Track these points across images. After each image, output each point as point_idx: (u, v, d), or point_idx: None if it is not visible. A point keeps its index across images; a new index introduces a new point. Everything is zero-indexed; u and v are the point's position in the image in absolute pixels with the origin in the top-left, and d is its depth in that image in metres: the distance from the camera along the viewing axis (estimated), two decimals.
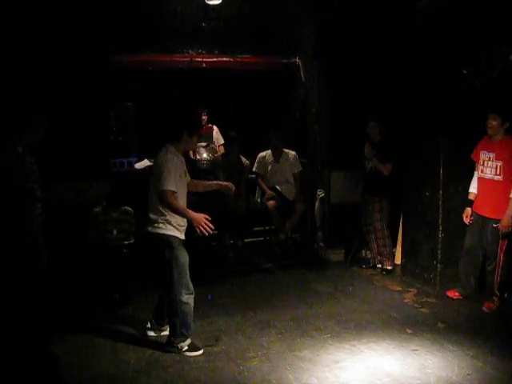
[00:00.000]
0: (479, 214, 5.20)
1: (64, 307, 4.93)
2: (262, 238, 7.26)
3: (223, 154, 7.17)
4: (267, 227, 7.13)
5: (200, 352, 4.27)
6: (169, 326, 4.37)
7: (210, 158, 7.24)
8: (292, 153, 7.05)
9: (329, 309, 5.23)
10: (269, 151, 7.06)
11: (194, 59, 7.21)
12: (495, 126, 5.03)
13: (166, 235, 4.19)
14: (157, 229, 4.20)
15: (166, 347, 4.30)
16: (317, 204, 7.11)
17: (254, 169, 7.09)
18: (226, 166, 6.77)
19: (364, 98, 6.55)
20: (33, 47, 5.69)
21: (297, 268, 6.63)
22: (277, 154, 6.99)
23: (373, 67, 6.39)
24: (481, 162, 5.19)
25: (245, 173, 6.90)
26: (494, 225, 5.01)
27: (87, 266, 5.44)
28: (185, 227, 4.31)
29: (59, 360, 3.89)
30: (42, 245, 3.78)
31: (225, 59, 7.34)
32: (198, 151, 7.25)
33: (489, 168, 5.10)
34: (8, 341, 3.53)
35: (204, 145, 7.35)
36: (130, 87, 7.26)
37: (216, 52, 7.31)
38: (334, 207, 7.00)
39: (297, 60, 7.55)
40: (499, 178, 5.03)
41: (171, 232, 4.20)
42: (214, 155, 7.24)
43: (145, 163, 6.77)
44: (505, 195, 4.95)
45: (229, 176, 6.64)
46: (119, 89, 6.92)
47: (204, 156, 7.32)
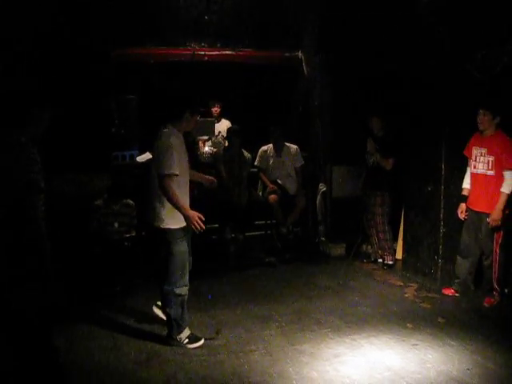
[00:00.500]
0: (473, 210, 5.20)
1: (65, 299, 4.95)
2: (264, 232, 7.26)
3: (225, 148, 7.16)
4: (269, 221, 7.12)
5: (201, 342, 4.27)
6: (166, 318, 4.36)
7: (212, 152, 7.23)
8: (294, 147, 7.03)
9: (330, 303, 5.23)
10: (270, 145, 7.04)
11: (197, 52, 7.18)
12: (486, 121, 5.03)
13: (167, 229, 4.16)
14: (158, 221, 4.17)
15: (167, 340, 4.31)
16: (318, 198, 7.11)
17: (256, 163, 7.07)
18: (228, 160, 6.76)
19: (367, 93, 6.53)
20: (34, 41, 5.69)
21: (298, 262, 6.64)
22: (278, 148, 6.97)
23: (375, 61, 6.37)
24: (473, 158, 5.19)
25: (246, 166, 6.89)
26: (488, 219, 5.02)
27: (88, 259, 5.45)
28: None
29: (60, 352, 3.91)
30: (45, 235, 3.80)
31: (227, 53, 7.30)
32: (200, 145, 7.25)
33: (481, 163, 5.10)
34: (10, 333, 3.54)
35: (206, 138, 7.34)
36: (133, 80, 7.25)
37: (218, 45, 7.28)
38: (336, 201, 7.00)
39: (299, 54, 7.52)
40: (492, 173, 5.03)
41: (172, 225, 4.16)
42: (216, 149, 7.23)
43: (147, 156, 6.75)
44: (497, 190, 4.96)
45: (230, 170, 6.64)
46: (121, 81, 6.91)
47: (206, 149, 7.32)
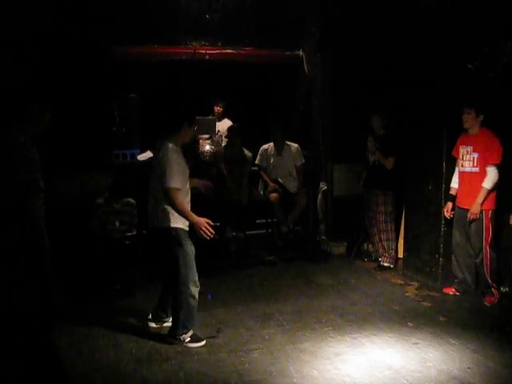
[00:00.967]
0: (461, 208, 5.23)
1: (66, 298, 4.95)
2: (264, 231, 7.27)
3: (226, 146, 7.16)
4: (269, 220, 7.13)
5: (202, 343, 4.28)
6: (172, 318, 4.37)
7: (213, 151, 7.23)
8: (294, 145, 7.03)
9: (330, 301, 5.24)
10: (271, 144, 7.04)
11: (198, 51, 7.18)
12: (470, 119, 5.08)
13: (173, 228, 4.18)
14: (162, 222, 4.19)
15: (168, 338, 4.31)
16: (319, 197, 7.11)
17: (257, 161, 7.08)
18: (229, 159, 6.75)
19: (367, 92, 6.52)
20: (34, 41, 5.69)
21: (299, 261, 6.65)
22: (279, 147, 6.97)
23: (376, 61, 6.36)
24: (460, 157, 5.23)
25: (247, 165, 6.89)
26: (468, 214, 5.07)
27: (89, 258, 5.45)
28: None
29: (61, 350, 3.91)
30: (45, 235, 3.80)
31: (228, 51, 7.32)
32: (201, 143, 7.24)
33: (467, 161, 5.15)
34: (11, 332, 3.55)
35: (206, 137, 7.34)
36: (133, 79, 7.25)
37: (219, 44, 7.29)
38: (337, 200, 7.01)
39: (300, 52, 7.52)
40: (476, 170, 5.08)
41: (176, 224, 4.18)
42: (217, 147, 7.22)
43: (148, 155, 6.76)
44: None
45: (231, 168, 6.63)
46: (122, 80, 6.91)
47: (206, 148, 7.31)
